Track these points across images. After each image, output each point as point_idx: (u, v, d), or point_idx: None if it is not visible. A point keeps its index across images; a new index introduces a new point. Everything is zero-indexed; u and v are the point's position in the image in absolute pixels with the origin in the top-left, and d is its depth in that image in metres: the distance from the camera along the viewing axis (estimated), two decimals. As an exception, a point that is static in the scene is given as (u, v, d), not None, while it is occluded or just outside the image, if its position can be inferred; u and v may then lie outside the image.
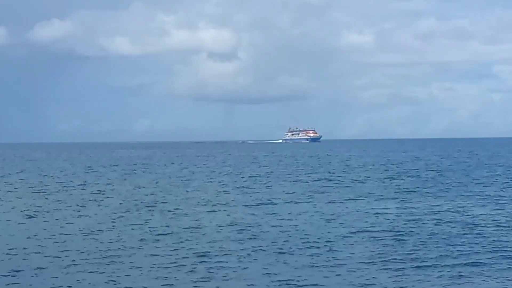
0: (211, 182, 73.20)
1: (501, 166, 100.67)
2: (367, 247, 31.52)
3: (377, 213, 43.47)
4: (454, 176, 78.63)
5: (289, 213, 43.80)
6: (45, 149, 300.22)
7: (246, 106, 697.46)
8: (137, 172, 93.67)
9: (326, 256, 29.35)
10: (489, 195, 55.47)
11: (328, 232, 35.55)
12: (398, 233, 35.21)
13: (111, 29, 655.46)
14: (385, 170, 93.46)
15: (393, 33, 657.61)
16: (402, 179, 73.94)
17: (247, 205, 48.72)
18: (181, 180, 76.39)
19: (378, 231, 36.10)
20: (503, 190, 60.36)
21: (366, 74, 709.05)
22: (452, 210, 45.37)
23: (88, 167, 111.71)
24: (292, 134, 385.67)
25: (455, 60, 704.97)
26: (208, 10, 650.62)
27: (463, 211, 44.87)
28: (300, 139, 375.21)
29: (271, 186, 66.85)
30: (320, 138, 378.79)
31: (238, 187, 65.24)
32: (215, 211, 45.38)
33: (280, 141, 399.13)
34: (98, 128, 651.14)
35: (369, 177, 78.37)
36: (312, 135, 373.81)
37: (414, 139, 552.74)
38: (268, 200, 52.52)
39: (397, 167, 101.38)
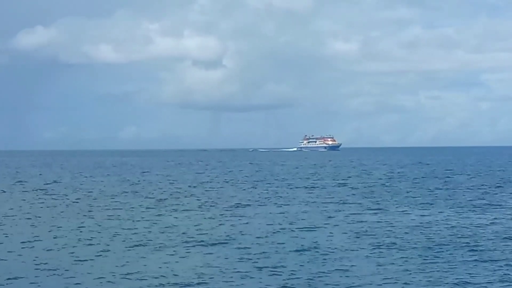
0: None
1: None
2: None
3: None
4: None
5: None
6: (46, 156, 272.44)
7: (233, 114, 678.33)
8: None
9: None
10: None
11: None
12: None
13: (96, 36, 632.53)
14: None
15: (379, 42, 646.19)
16: None
17: None
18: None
19: None
20: None
21: (353, 82, 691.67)
22: None
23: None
24: (308, 142, 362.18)
25: (442, 69, 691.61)
26: (193, 18, 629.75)
27: None
28: (317, 147, 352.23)
29: None
30: (340, 146, 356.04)
31: None
32: None
33: (294, 149, 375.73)
34: (84, 135, 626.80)
35: None
36: (330, 142, 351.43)
37: (402, 147, 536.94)
38: None
39: None
